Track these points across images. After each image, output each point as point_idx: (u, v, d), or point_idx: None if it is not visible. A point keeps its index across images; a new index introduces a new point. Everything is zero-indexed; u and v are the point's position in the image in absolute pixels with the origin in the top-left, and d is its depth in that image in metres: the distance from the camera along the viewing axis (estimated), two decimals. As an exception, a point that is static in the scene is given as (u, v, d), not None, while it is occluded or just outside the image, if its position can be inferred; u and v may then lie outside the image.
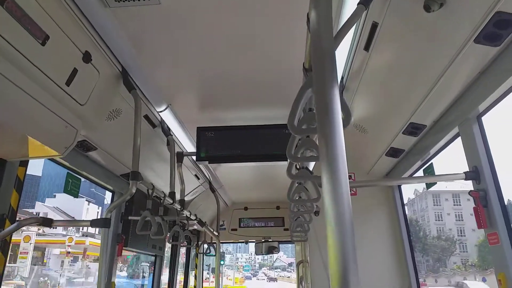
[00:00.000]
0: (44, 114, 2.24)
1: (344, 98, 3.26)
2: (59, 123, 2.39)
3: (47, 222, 2.69)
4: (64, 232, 31.88)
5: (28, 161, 2.71)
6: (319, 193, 2.96)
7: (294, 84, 2.74)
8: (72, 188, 3.28)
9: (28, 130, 2.20)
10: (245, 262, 74.66)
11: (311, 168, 4.21)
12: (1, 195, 2.54)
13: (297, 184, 3.12)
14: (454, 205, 61.23)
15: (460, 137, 2.94)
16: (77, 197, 3.47)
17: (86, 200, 58.49)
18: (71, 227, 29.63)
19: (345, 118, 1.20)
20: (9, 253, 2.72)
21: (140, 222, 3.49)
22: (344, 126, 1.10)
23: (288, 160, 2.24)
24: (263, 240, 7.45)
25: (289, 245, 7.94)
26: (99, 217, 2.77)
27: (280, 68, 3.01)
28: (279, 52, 2.81)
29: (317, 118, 0.96)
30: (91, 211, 57.13)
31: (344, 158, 0.91)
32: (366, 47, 2.56)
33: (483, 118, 2.73)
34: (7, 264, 2.64)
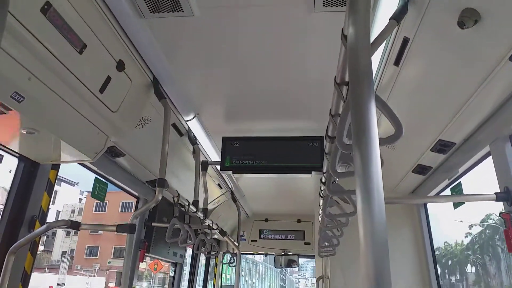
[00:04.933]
0: (78, 120, 2.31)
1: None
2: (91, 129, 2.46)
3: (75, 225, 2.76)
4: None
5: (59, 164, 2.79)
6: (356, 207, 2.91)
7: (320, 98, 2.75)
8: (99, 193, 3.36)
9: (62, 135, 2.28)
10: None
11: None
12: (33, 197, 2.62)
13: (329, 199, 3.10)
14: None
15: (491, 156, 2.87)
16: (103, 202, 3.54)
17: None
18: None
19: (396, 131, 1.20)
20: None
21: (169, 229, 3.51)
22: (396, 139, 1.10)
23: (314, 175, 2.23)
24: (282, 253, 7.39)
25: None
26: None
27: (307, 82, 3.02)
28: (307, 66, 2.83)
29: (353, 133, 0.96)
30: (63, 196, 40.26)
31: (379, 174, 0.90)
32: (396, 62, 2.54)
33: (516, 138, 2.66)
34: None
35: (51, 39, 1.90)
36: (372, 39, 2.21)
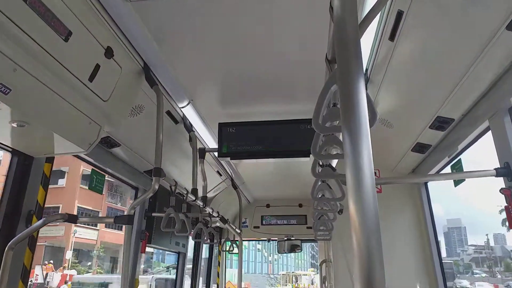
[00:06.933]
0: (68, 110, 2.26)
1: (369, 93, 3.19)
2: (83, 119, 2.41)
3: (72, 218, 2.73)
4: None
5: (53, 157, 2.75)
6: (343, 192, 2.89)
7: (315, 78, 2.69)
8: (96, 185, 3.33)
9: (53, 127, 2.23)
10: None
11: (334, 165, 4.14)
12: (29, 191, 2.59)
13: (320, 182, 3.06)
14: None
15: (490, 131, 2.83)
16: (101, 194, 3.51)
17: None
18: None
19: (370, 117, 1.15)
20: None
21: (164, 219, 3.50)
22: (370, 125, 1.05)
23: (312, 158, 2.19)
24: (285, 238, 7.40)
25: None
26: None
27: (301, 62, 2.96)
28: (300, 45, 2.76)
29: (342, 113, 0.91)
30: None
31: (370, 155, 0.87)
32: (391, 37, 2.48)
33: (516, 111, 2.62)
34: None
35: (34, 27, 1.84)
36: (364, 13, 2.15)
